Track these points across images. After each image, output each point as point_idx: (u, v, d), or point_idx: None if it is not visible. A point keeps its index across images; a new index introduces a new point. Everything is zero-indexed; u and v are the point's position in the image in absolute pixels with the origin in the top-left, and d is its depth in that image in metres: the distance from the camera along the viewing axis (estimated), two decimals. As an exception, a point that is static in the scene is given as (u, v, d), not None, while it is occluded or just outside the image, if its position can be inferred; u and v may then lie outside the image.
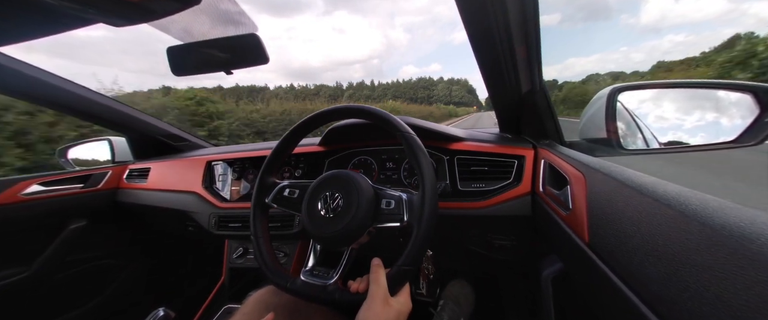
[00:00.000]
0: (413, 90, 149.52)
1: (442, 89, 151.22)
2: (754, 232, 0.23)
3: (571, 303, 0.57)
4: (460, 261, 1.14)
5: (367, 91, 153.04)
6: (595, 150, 0.69)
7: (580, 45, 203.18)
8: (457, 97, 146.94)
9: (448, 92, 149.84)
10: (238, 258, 1.05)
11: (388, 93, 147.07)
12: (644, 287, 0.31)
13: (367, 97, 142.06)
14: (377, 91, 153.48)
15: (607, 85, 0.69)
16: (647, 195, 0.35)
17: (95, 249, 1.17)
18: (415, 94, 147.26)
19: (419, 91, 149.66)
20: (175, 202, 1.07)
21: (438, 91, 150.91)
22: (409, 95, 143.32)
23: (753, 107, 0.58)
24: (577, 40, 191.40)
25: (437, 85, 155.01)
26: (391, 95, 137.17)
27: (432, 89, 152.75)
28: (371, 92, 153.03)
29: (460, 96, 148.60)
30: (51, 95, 0.96)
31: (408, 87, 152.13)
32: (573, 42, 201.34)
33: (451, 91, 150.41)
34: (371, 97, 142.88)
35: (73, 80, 0.98)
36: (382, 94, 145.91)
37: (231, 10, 0.54)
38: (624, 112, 0.69)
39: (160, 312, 1.03)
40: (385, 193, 0.57)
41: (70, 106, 1.02)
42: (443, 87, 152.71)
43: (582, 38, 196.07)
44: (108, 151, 1.26)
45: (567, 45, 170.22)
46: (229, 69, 0.68)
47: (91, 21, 0.29)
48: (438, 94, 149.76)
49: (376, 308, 0.46)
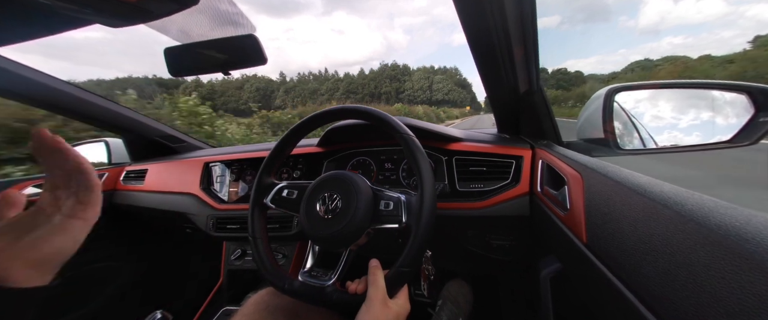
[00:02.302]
0: (376, 82, 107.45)
1: (419, 80, 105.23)
2: (750, 232, 0.23)
3: (570, 303, 0.57)
4: (458, 261, 1.14)
5: (313, 84, 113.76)
6: (592, 150, 0.69)
7: (579, 46, 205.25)
8: (442, 91, 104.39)
9: (427, 85, 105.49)
10: (236, 259, 1.05)
11: (341, 87, 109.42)
12: (642, 286, 0.31)
13: (312, 92, 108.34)
14: (327, 84, 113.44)
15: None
16: (644, 195, 0.35)
17: (92, 252, 1.16)
18: (378, 87, 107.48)
19: (384, 84, 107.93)
20: (172, 204, 1.07)
21: (412, 82, 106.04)
22: (368, 90, 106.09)
23: (748, 107, 0.58)
24: (576, 42, 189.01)
25: (413, 75, 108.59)
26: (344, 90, 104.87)
27: (403, 81, 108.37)
28: (319, 85, 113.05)
29: (446, 90, 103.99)
30: (47, 97, 0.95)
31: (369, 79, 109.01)
32: (572, 44, 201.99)
33: (431, 84, 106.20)
34: (318, 92, 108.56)
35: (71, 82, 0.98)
36: (333, 88, 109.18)
37: (229, 10, 0.54)
38: (621, 112, 0.70)
39: (158, 315, 1.02)
40: (383, 194, 0.57)
41: (67, 107, 1.01)
42: (420, 77, 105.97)
43: (581, 40, 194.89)
44: (105, 153, 1.25)
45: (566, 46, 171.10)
46: (226, 70, 0.68)
47: (89, 21, 0.28)
48: (412, 86, 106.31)
49: (374, 310, 0.46)
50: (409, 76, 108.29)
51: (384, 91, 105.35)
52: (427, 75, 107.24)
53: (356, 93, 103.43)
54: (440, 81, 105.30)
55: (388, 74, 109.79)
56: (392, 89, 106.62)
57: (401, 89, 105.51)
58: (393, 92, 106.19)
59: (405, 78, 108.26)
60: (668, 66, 23.38)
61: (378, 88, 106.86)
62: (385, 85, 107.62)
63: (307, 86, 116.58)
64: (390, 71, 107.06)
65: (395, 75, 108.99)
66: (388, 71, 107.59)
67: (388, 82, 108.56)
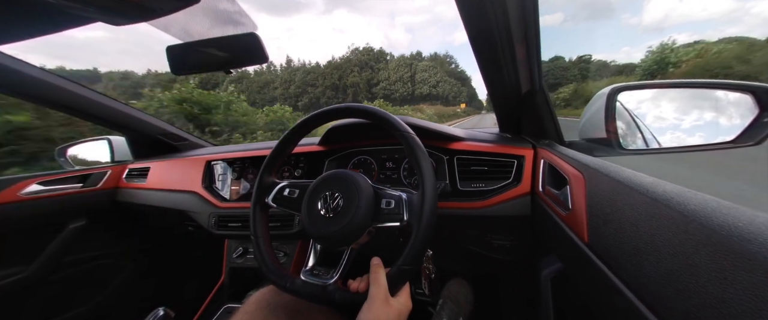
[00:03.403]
0: (341, 71, 79.10)
1: (398, 69, 75.33)
2: (752, 232, 0.23)
3: (571, 302, 0.57)
4: (459, 261, 1.14)
5: (267, 76, 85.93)
6: (594, 150, 0.69)
7: (582, 45, 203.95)
8: (428, 82, 74.41)
9: (408, 74, 74.48)
10: (237, 257, 1.05)
11: (296, 78, 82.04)
12: (643, 287, 0.31)
13: (263, 85, 79.72)
14: (282, 76, 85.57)
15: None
16: (646, 195, 0.35)
17: (94, 249, 1.17)
18: (343, 78, 79.38)
19: (350, 76, 79.46)
20: (174, 202, 1.07)
21: (389, 72, 76.23)
22: (331, 81, 78.54)
23: (752, 107, 0.58)
24: (579, 40, 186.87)
25: (390, 63, 78.28)
26: (300, 82, 76.74)
27: (376, 70, 78.68)
28: (273, 77, 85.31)
29: (433, 82, 74.48)
30: (50, 94, 0.96)
31: (333, 67, 79.40)
32: (575, 42, 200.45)
33: (413, 74, 75.43)
34: (270, 85, 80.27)
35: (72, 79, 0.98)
36: (289, 80, 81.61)
37: (230, 9, 0.54)
38: (623, 111, 0.69)
39: (160, 312, 1.03)
40: (384, 193, 0.57)
41: (69, 105, 1.02)
42: (398, 67, 75.32)
43: (584, 38, 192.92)
44: (107, 151, 1.25)
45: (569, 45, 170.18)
46: (228, 68, 0.68)
47: (91, 20, 0.29)
48: (388, 77, 76.96)
49: (376, 308, 0.46)
50: (385, 64, 76.32)
51: (350, 83, 74.05)
52: (404, 64, 75.46)
53: (315, 85, 74.13)
54: (426, 69, 74.78)
55: (358, 61, 77.80)
56: (361, 80, 74.05)
57: (374, 80, 73.72)
58: (363, 84, 74.27)
59: (379, 66, 76.46)
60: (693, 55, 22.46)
61: (343, 79, 76.15)
62: (352, 75, 76.17)
63: (261, 78, 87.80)
64: (361, 56, 73.86)
65: (367, 61, 76.86)
66: (358, 57, 74.51)
67: (356, 71, 77.33)
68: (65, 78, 0.97)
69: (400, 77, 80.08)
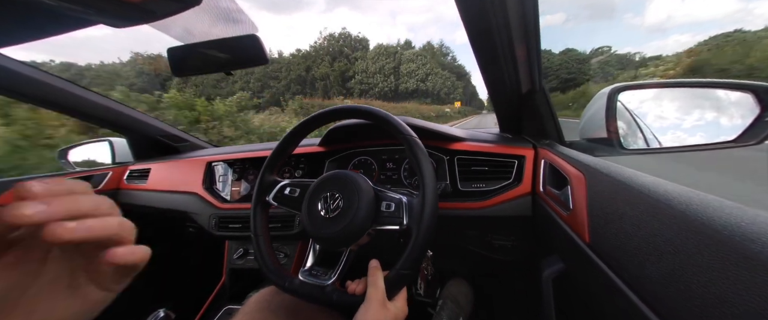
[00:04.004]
0: (309, 61, 60.08)
1: (377, 60, 59.81)
2: (755, 232, 0.23)
3: (572, 303, 0.57)
4: (459, 261, 1.14)
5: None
6: (595, 149, 0.69)
7: (584, 45, 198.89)
8: (415, 76, 59.07)
9: (391, 65, 59.33)
10: (238, 258, 1.05)
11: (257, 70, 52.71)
12: (645, 287, 0.31)
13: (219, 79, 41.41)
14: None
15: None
16: (648, 194, 0.35)
17: None
18: (311, 69, 59.27)
19: (320, 66, 60.40)
20: (175, 203, 1.07)
21: (367, 63, 60.57)
22: (296, 74, 57.43)
23: (753, 106, 0.58)
24: (581, 40, 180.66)
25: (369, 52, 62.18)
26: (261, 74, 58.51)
27: (353, 61, 62.61)
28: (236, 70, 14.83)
29: (422, 74, 59.28)
30: (51, 96, 0.96)
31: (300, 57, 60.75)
32: (577, 42, 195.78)
33: (397, 65, 59.86)
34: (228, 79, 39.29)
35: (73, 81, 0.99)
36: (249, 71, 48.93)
37: (231, 9, 0.54)
38: (624, 111, 0.69)
39: (160, 313, 1.03)
40: (385, 195, 0.57)
41: (70, 106, 1.02)
42: (378, 56, 60.22)
43: (586, 38, 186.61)
44: (108, 152, 1.26)
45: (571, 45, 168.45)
46: (228, 69, 0.69)
47: (92, 22, 0.29)
48: (366, 68, 60.86)
49: (373, 310, 0.46)
50: (362, 53, 58.89)
51: (320, 75, 58.37)
52: (393, 51, 58.94)
53: (278, 78, 59.79)
54: (413, 59, 57.14)
55: (331, 48, 59.59)
56: (333, 72, 57.09)
57: (349, 72, 56.59)
58: (335, 76, 57.39)
59: (356, 55, 58.55)
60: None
61: (311, 70, 59.68)
62: (322, 65, 59.84)
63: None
64: (334, 43, 56.80)
65: (341, 49, 59.38)
66: (331, 44, 57.19)
67: (327, 62, 60.38)
68: (66, 80, 0.97)
69: (381, 68, 59.18)
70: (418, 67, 60.88)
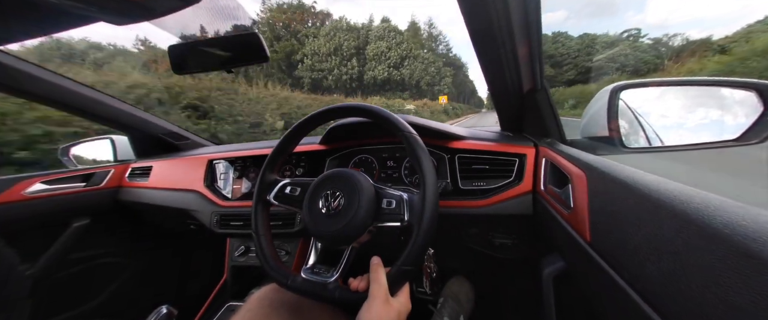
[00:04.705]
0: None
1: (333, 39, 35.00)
2: (757, 230, 0.23)
3: (572, 301, 0.57)
4: (460, 259, 1.14)
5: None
6: (596, 148, 0.69)
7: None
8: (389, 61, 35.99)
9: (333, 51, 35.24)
10: (239, 256, 1.06)
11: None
12: (646, 285, 0.31)
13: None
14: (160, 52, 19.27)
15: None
16: (649, 193, 0.34)
17: (98, 248, 1.18)
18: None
19: None
20: (176, 201, 1.08)
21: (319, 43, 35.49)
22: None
23: (757, 105, 0.57)
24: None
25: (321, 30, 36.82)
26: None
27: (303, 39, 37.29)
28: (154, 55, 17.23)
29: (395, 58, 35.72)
30: (53, 94, 0.96)
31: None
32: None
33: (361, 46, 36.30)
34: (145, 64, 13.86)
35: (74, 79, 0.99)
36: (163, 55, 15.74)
37: (230, 6, 0.54)
38: (626, 110, 0.69)
39: (163, 310, 1.03)
40: (386, 193, 0.57)
41: (72, 104, 1.02)
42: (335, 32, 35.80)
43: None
44: (110, 150, 1.26)
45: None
46: (229, 67, 0.69)
47: (93, 19, 0.29)
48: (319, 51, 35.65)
49: (376, 308, 0.47)
50: (316, 30, 39.48)
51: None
52: (354, 27, 39.78)
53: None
54: (382, 36, 38.16)
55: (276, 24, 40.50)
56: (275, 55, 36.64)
57: (294, 57, 37.98)
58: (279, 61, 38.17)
59: (308, 30, 39.83)
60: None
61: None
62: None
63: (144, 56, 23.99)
64: (280, 16, 40.11)
65: (286, 23, 40.88)
66: (276, 17, 40.18)
67: (269, 40, 33.19)
68: (68, 78, 0.97)
69: (337, 48, 38.39)
70: (390, 46, 38.32)
